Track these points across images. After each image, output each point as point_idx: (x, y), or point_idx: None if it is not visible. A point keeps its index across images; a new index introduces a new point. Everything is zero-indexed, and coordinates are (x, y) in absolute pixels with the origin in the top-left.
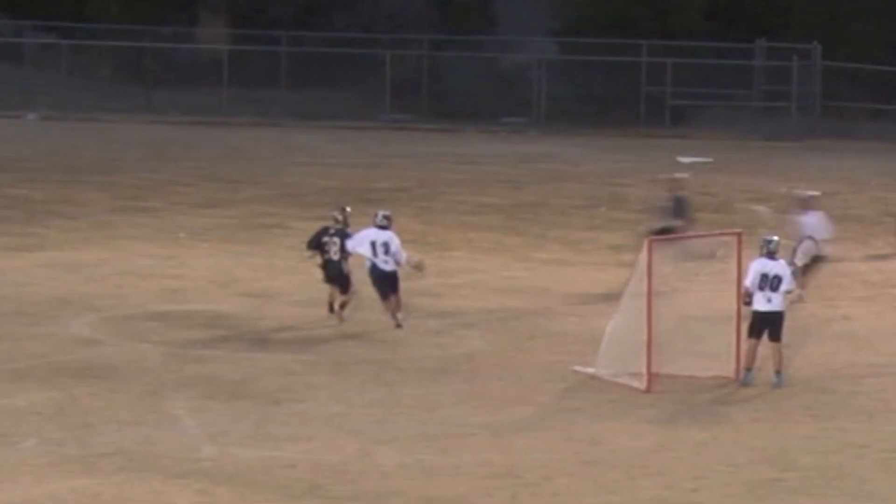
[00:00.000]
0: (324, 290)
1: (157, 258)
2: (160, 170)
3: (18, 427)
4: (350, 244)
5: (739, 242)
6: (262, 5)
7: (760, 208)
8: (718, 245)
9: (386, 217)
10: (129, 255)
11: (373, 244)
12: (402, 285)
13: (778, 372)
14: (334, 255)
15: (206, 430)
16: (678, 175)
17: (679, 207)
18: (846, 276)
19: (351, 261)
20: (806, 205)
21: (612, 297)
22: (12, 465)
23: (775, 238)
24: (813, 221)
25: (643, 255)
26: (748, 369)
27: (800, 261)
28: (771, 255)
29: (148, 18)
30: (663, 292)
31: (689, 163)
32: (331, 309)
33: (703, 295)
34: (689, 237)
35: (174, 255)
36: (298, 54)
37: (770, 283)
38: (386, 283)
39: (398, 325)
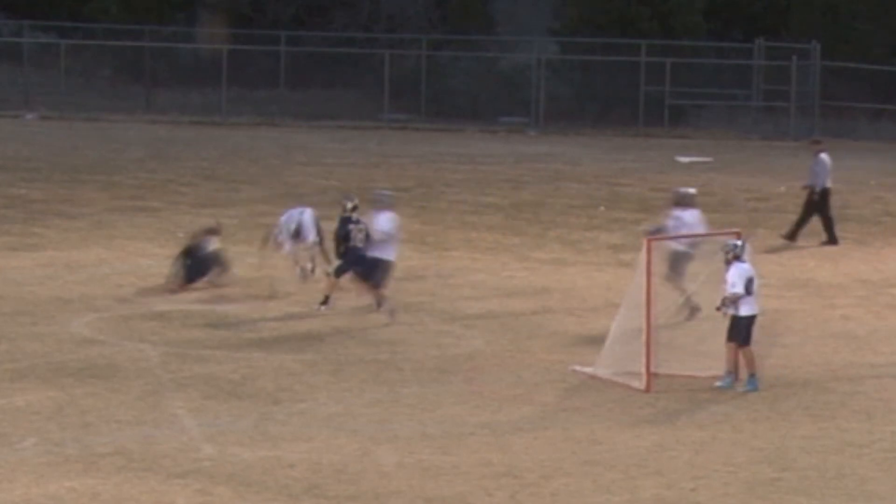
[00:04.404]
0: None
1: (157, 258)
2: (160, 170)
3: (18, 427)
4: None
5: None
6: (261, 5)
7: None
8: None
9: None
10: (129, 255)
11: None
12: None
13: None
14: (360, 242)
15: (206, 429)
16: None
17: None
18: (846, 276)
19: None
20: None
21: (611, 297)
22: (11, 465)
23: (739, 242)
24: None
25: (642, 255)
26: (753, 374)
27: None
28: (740, 258)
29: (148, 18)
30: (663, 292)
31: (688, 162)
32: (325, 301)
33: (702, 295)
34: (690, 236)
35: (174, 255)
36: (298, 54)
37: (752, 286)
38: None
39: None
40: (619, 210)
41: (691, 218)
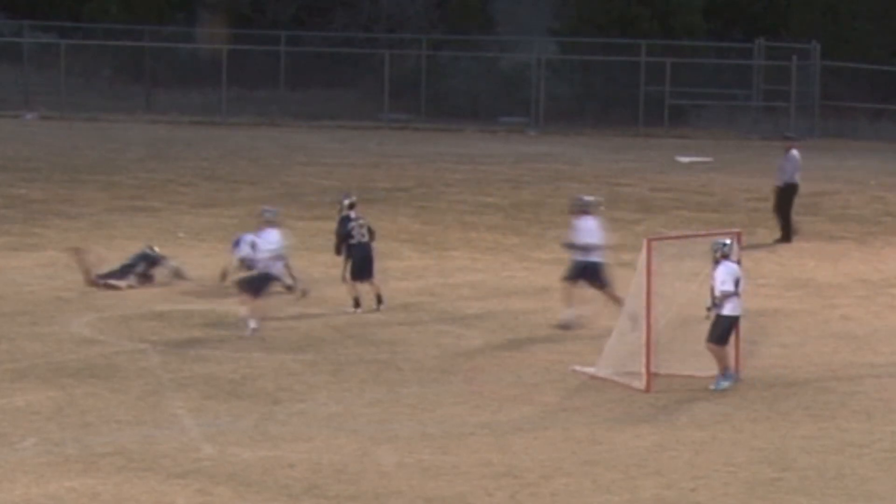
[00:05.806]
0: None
1: None
2: (160, 170)
3: (18, 427)
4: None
5: (739, 242)
6: (261, 5)
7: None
8: None
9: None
10: (128, 255)
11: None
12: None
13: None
14: (362, 237)
15: (206, 429)
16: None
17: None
18: (846, 276)
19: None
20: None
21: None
22: (11, 465)
23: (728, 241)
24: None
25: (642, 256)
26: (727, 368)
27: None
28: (728, 257)
29: (148, 18)
30: (663, 292)
31: (688, 162)
32: (357, 304)
33: (702, 295)
34: (689, 236)
35: (174, 254)
36: (298, 54)
37: (739, 286)
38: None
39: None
40: (619, 210)
41: (587, 226)
